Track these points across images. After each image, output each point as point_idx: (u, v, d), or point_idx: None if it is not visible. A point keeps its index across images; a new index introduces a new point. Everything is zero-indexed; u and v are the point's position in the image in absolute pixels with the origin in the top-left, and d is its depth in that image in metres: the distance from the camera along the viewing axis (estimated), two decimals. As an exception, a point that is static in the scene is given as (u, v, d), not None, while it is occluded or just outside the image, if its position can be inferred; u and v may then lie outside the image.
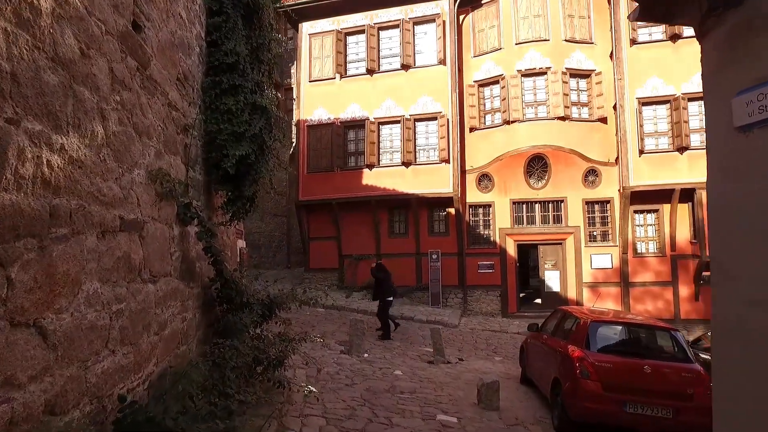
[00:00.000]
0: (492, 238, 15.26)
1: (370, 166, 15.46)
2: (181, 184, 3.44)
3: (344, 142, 15.91)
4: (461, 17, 15.83)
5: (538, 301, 15.97)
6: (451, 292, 15.16)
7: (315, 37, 16.40)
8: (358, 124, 15.80)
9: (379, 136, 15.67)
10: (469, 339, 11.69)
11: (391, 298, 11.07)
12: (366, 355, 9.02)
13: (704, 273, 13.53)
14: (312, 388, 5.20)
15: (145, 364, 2.84)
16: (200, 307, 4.37)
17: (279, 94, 18.52)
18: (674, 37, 13.95)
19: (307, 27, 16.49)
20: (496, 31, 15.20)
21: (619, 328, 6.01)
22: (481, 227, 15.50)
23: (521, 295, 15.92)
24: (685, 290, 13.81)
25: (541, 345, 6.93)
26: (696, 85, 13.72)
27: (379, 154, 15.60)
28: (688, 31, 14.17)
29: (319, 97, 16.15)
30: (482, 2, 15.56)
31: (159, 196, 3.13)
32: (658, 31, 14.37)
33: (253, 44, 4.59)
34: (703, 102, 5.18)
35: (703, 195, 13.30)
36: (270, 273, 17.96)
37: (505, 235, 15.13)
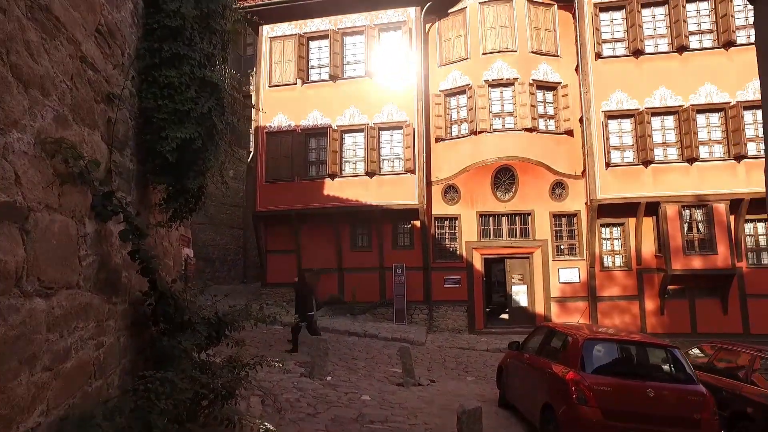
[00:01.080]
0: (458, 252, 14.74)
1: (333, 176, 14.70)
2: (95, 164, 2.58)
3: (305, 151, 15.11)
4: (427, 26, 15.46)
5: (505, 316, 15.54)
6: (416, 307, 14.48)
7: (276, 41, 15.62)
8: (320, 132, 15.05)
9: (341, 144, 14.96)
10: (438, 357, 11.00)
11: (312, 313, 10.29)
12: (329, 378, 8.16)
13: (669, 287, 13.46)
14: (268, 425, 4.34)
15: (23, 417, 1.94)
16: (127, 328, 3.47)
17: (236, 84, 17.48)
18: (637, 53, 14.02)
19: (267, 30, 15.70)
20: (463, 41, 14.89)
21: (616, 346, 5.43)
22: (447, 240, 14.97)
23: (486, 310, 15.42)
24: (650, 304, 13.67)
25: (526, 366, 6.28)
26: (658, 100, 13.86)
27: (341, 163, 14.87)
28: (650, 47, 14.33)
29: (279, 103, 15.32)
30: (449, 12, 15.25)
31: (60, 178, 2.28)
32: (622, 46, 14.44)
33: (203, 9, 3.81)
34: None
35: (667, 208, 13.28)
36: (223, 288, 16.82)
37: (471, 249, 14.64)
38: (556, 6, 15.02)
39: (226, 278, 18.88)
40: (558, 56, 14.77)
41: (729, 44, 13.75)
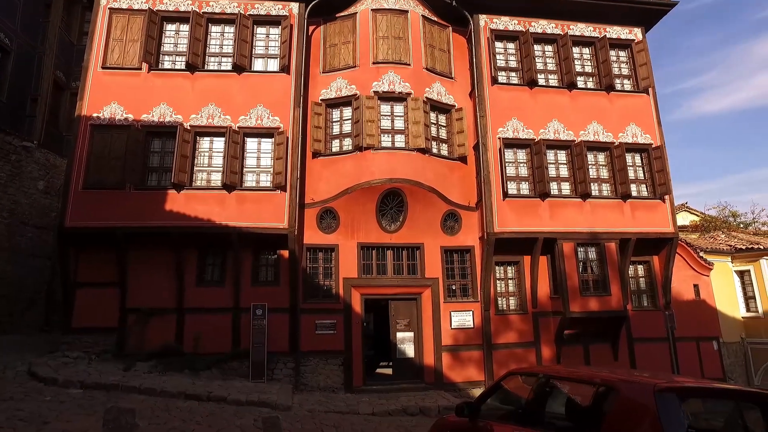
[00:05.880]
0: (334, 291, 12.11)
1: (179, 187, 11.39)
2: None
3: (145, 152, 11.65)
4: (311, 28, 13.44)
5: (388, 371, 13.04)
6: (279, 360, 11.34)
7: (118, 14, 12.32)
8: (167, 131, 11.78)
9: (194, 148, 11.83)
10: (311, 427, 7.97)
11: None
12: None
13: (566, 332, 12.23)
14: None
15: None
16: None
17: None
18: (531, 84, 13.41)
19: (107, -1, 12.39)
20: (351, 48, 13.08)
21: (709, 403, 3.18)
22: (321, 276, 12.29)
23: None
24: (547, 351, 12.29)
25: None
26: (552, 132, 13.20)
27: (192, 171, 11.67)
28: (542, 80, 13.86)
29: (114, 89, 11.85)
30: (337, 15, 13.44)
31: None
32: (515, 76, 13.79)
33: None
34: None
35: (564, 245, 12.25)
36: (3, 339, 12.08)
37: (350, 287, 12.13)
38: (450, 28, 14.06)
39: (17, 324, 13.83)
40: (452, 78, 13.62)
41: (609, 88, 13.79)
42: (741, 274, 15.69)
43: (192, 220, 11.23)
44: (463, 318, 12.19)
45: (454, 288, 12.62)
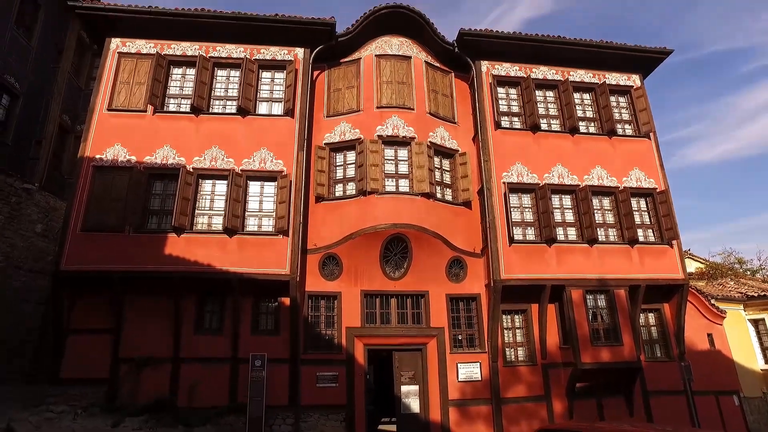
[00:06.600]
0: (336, 340, 11.64)
1: (180, 230, 11.13)
2: None
3: (146, 195, 11.46)
4: (316, 73, 13.58)
5: (392, 428, 12.38)
6: (278, 415, 10.74)
7: (127, 58, 12.46)
8: (169, 174, 11.63)
9: (196, 191, 11.65)
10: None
11: None
12: None
13: (578, 385, 11.69)
14: None
15: None
16: None
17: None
18: (534, 128, 13.45)
19: (117, 44, 12.57)
20: (356, 92, 13.16)
21: None
22: (323, 325, 11.85)
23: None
24: (558, 405, 11.70)
25: None
26: (556, 177, 13.11)
27: (193, 215, 11.44)
28: (545, 125, 13.91)
29: (119, 131, 11.79)
30: (341, 61, 13.62)
31: None
32: (518, 121, 13.84)
33: None
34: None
35: (572, 293, 11.90)
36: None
37: (353, 337, 11.66)
38: (453, 74, 14.24)
39: (3, 374, 13.20)
40: (455, 123, 13.66)
41: (611, 132, 13.84)
42: (755, 323, 15.23)
43: (192, 265, 10.90)
44: (470, 370, 11.67)
45: (460, 338, 12.16)
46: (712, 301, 14.14)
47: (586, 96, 14.59)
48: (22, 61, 14.33)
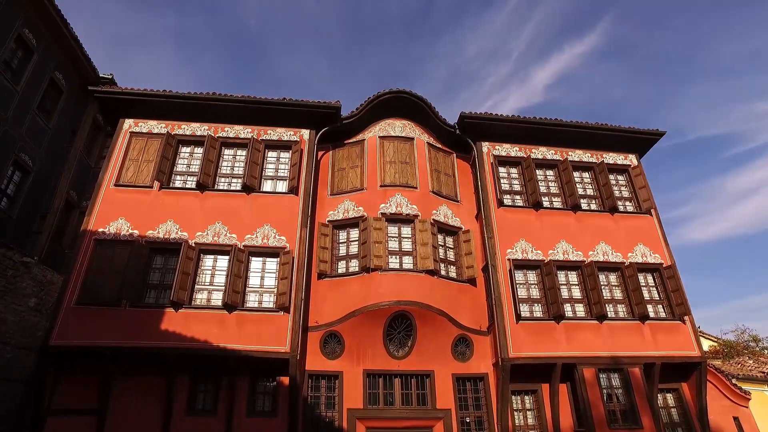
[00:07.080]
0: (337, 423, 10.93)
1: (178, 305, 10.86)
2: None
3: (146, 269, 11.32)
4: (320, 153, 13.99)
5: None
6: None
7: (138, 137, 12.90)
8: (171, 248, 11.58)
9: (197, 266, 11.52)
10: None
11: None
12: None
13: (598, 476, 10.78)
14: None
15: None
16: None
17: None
18: (536, 206, 13.60)
19: (130, 124, 13.08)
20: (359, 171, 13.47)
21: None
22: (324, 407, 11.19)
23: None
24: (579, 502, 10.71)
25: None
26: (561, 253, 13.04)
27: (193, 290, 11.22)
28: (547, 202, 14.08)
29: (123, 205, 11.91)
30: (345, 142, 14.09)
31: None
32: (520, 198, 14.03)
33: None
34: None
35: (584, 371, 11.36)
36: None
37: (355, 420, 10.97)
38: (454, 155, 14.68)
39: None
40: (458, 202, 13.84)
41: (613, 209, 13.97)
42: (781, 405, 14.36)
43: (188, 341, 10.51)
44: (480, 458, 10.84)
45: (468, 420, 11.43)
46: (734, 381, 13.44)
47: (586, 174, 14.91)
48: (38, 141, 14.83)
